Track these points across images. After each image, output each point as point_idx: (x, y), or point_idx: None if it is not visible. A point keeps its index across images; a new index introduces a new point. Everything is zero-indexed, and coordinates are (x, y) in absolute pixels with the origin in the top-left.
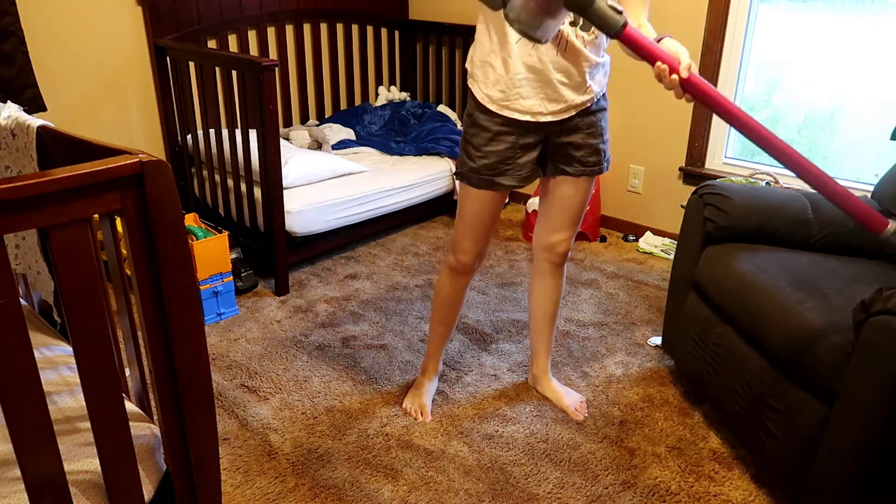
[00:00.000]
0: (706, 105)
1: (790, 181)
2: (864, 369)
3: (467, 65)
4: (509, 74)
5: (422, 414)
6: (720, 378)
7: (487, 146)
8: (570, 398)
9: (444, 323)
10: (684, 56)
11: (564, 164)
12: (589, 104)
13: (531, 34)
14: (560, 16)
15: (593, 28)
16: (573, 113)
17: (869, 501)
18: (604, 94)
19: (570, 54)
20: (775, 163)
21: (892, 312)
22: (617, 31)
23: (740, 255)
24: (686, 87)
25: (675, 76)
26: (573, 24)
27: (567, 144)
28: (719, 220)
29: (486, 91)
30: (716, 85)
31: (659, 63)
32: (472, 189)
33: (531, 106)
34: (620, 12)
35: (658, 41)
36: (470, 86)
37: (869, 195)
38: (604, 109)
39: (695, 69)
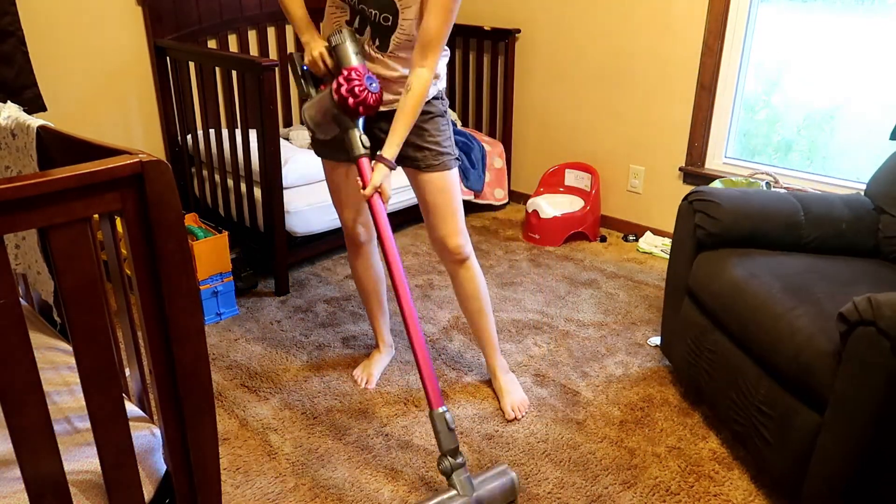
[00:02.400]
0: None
1: (790, 181)
2: (851, 379)
3: None
4: None
5: (367, 382)
6: (716, 384)
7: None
8: (511, 397)
9: (365, 302)
10: (376, 180)
11: (400, 159)
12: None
13: (314, 132)
14: (333, 127)
15: (386, 48)
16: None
17: None
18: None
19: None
20: (776, 163)
21: (874, 324)
22: (354, 157)
23: (732, 261)
24: (369, 203)
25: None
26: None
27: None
28: (710, 227)
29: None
30: (716, 85)
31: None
32: (322, 161)
33: None
34: (367, 147)
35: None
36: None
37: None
38: (429, 113)
39: (380, 197)
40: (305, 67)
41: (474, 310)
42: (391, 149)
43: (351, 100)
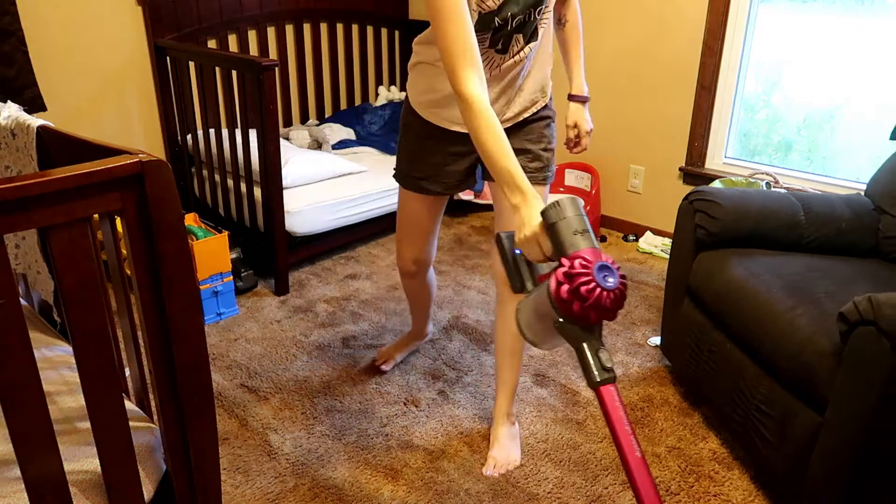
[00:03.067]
0: None
1: (790, 181)
2: (852, 378)
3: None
4: (439, 87)
5: (384, 362)
6: (716, 383)
7: (417, 151)
8: (498, 451)
9: (411, 306)
10: (574, 119)
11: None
12: (524, 115)
13: (531, 342)
14: (556, 338)
15: (520, 47)
16: (506, 125)
17: None
18: (546, 105)
19: (506, 73)
20: (776, 163)
21: (875, 323)
22: (592, 385)
23: (733, 261)
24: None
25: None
26: (498, 50)
27: None
28: (710, 227)
29: (417, 97)
30: (716, 85)
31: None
32: (405, 191)
33: (458, 116)
34: (610, 370)
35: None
36: (408, 85)
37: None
38: (547, 118)
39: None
40: (518, 251)
41: (511, 348)
42: (578, 80)
43: (576, 304)
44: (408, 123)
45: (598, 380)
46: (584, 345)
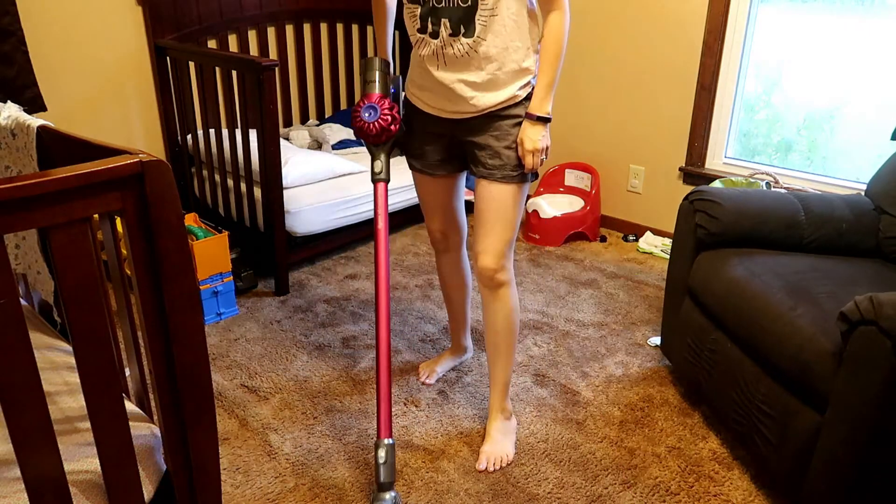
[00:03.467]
0: None
1: (790, 181)
2: (852, 378)
3: None
4: (415, 74)
5: (427, 376)
6: (716, 384)
7: (408, 128)
8: (490, 446)
9: (445, 300)
10: (524, 138)
11: (473, 164)
12: (494, 108)
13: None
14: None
15: (470, 36)
16: (473, 115)
17: None
18: (518, 103)
19: (456, 64)
20: (776, 163)
21: (876, 323)
22: (373, 180)
23: (733, 261)
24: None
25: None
26: (452, 34)
27: (470, 143)
28: (710, 227)
29: (407, 82)
30: (716, 85)
31: None
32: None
33: (433, 101)
34: (379, 174)
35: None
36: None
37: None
38: (518, 116)
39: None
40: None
41: (493, 343)
42: (535, 101)
43: (353, 129)
44: (405, 107)
45: (373, 179)
46: (372, 157)
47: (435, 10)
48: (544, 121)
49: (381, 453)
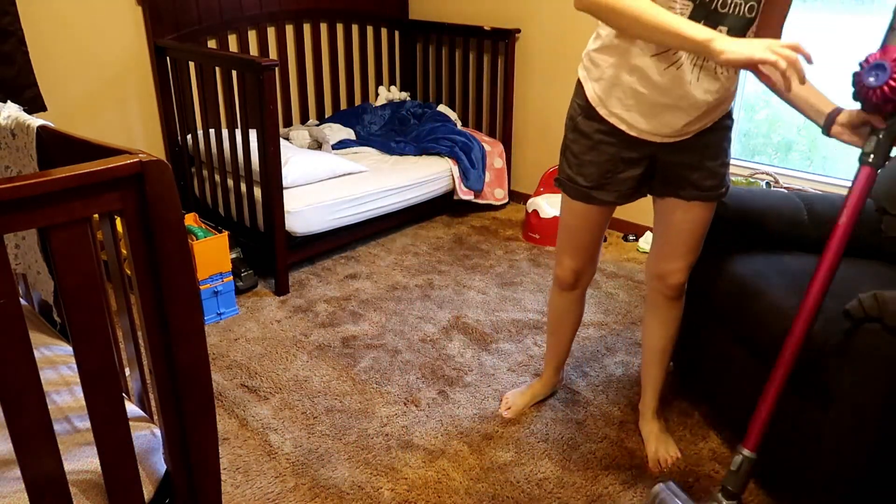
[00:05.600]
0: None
1: (790, 181)
2: (856, 376)
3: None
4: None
5: (507, 408)
6: (718, 382)
7: (587, 155)
8: (659, 446)
9: (552, 333)
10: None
11: (676, 187)
12: (709, 124)
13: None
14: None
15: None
16: (688, 136)
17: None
18: (728, 112)
19: (702, 81)
20: (776, 163)
21: (881, 320)
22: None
23: (735, 259)
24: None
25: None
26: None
27: (678, 164)
28: (713, 225)
29: (607, 100)
30: None
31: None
32: (569, 199)
33: (636, 121)
34: (871, 154)
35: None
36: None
37: None
38: (727, 128)
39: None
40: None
41: (661, 348)
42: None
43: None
44: (577, 125)
45: (859, 159)
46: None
47: (713, 13)
48: None
49: (737, 459)
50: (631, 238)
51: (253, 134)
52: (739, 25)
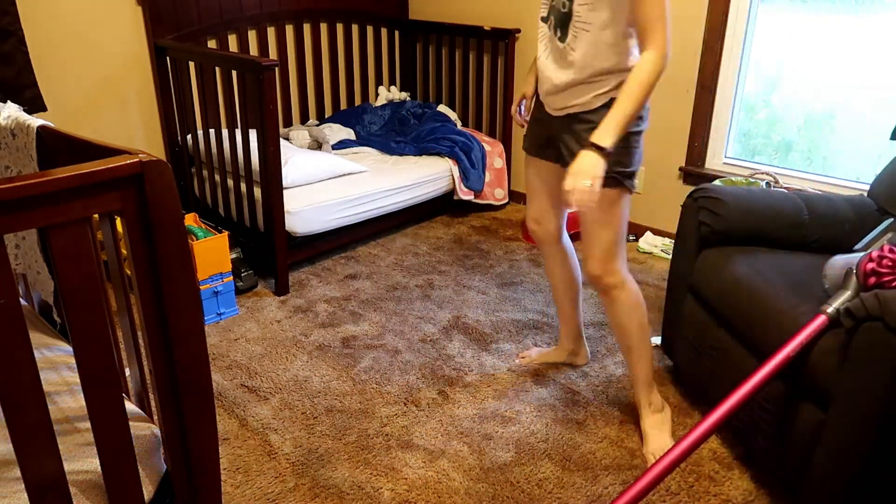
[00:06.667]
0: None
1: (790, 181)
2: (856, 375)
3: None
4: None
5: (522, 357)
6: (718, 382)
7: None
8: (653, 445)
9: (554, 298)
10: (576, 167)
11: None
12: (572, 111)
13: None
14: None
15: (564, 38)
16: (561, 114)
17: (867, 503)
18: (593, 109)
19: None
20: (776, 163)
21: (882, 319)
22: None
23: (736, 259)
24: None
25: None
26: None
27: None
28: (714, 224)
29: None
30: (716, 85)
31: None
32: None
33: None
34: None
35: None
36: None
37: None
38: (591, 122)
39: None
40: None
41: (621, 344)
42: (600, 133)
43: (873, 279)
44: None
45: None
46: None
47: (552, 8)
48: (594, 148)
49: None
50: (631, 238)
51: (253, 134)
52: (559, 18)
